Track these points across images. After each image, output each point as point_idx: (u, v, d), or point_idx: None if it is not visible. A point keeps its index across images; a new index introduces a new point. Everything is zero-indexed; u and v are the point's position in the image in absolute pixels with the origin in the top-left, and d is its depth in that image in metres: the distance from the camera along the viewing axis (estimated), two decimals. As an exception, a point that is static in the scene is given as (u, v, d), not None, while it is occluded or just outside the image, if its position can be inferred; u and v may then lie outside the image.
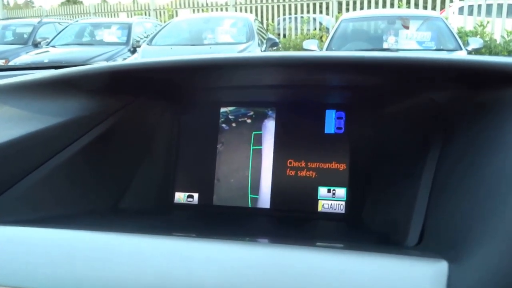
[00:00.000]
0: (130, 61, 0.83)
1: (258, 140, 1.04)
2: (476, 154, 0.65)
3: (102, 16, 14.26)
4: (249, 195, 1.03)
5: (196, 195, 1.05)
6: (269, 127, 1.04)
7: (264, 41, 7.54)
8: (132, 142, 0.99)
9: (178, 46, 6.83)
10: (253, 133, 1.04)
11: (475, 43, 6.02)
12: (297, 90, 1.00)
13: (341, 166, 1.00)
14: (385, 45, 6.00)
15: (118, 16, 14.06)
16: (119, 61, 1.02)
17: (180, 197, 1.06)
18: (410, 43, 5.88)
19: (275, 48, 7.59)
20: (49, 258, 0.61)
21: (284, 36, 11.37)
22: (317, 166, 1.01)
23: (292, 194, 1.01)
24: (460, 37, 6.54)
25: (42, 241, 0.64)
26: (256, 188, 1.03)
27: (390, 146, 0.93)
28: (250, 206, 1.02)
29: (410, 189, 0.78)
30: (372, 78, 0.84)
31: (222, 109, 1.07)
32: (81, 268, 0.60)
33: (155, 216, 0.99)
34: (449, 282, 0.53)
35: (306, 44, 6.50)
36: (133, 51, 7.71)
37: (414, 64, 0.72)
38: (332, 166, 1.00)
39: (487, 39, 8.26)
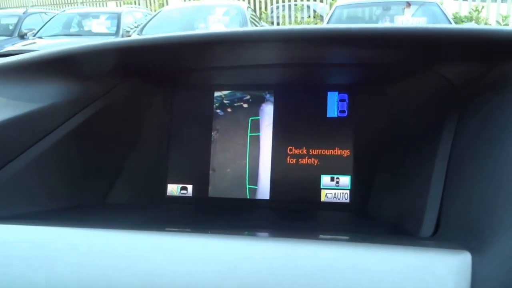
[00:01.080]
0: (116, 39, 0.77)
1: (256, 126, 0.99)
2: (495, 133, 0.60)
3: (90, 5, 14.15)
4: (247, 186, 0.98)
5: (190, 187, 1.00)
6: (267, 111, 0.99)
7: (257, 29, 7.48)
8: (120, 129, 0.93)
9: (169, 35, 6.74)
10: (250, 118, 0.99)
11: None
12: (297, 71, 0.94)
13: (345, 152, 0.95)
14: (380, 32, 5.93)
15: (106, 6, 13.95)
16: (104, 40, 0.96)
17: (173, 189, 1.01)
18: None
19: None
20: (33, 258, 0.56)
21: (278, 24, 11.30)
22: (319, 153, 0.96)
23: (293, 184, 0.96)
24: (456, 23, 6.51)
25: (25, 240, 0.59)
26: (254, 178, 0.98)
27: (398, 129, 0.88)
28: (248, 197, 0.97)
29: (422, 174, 0.73)
30: (379, 53, 0.79)
31: (217, 93, 1.01)
32: (68, 268, 0.55)
33: (147, 210, 0.94)
34: (473, 275, 0.48)
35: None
36: (124, 41, 7.62)
37: (427, 34, 0.66)
38: (336, 152, 0.95)
39: (482, 24, 8.25)
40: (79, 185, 0.85)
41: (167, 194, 1.01)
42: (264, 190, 0.97)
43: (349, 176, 0.94)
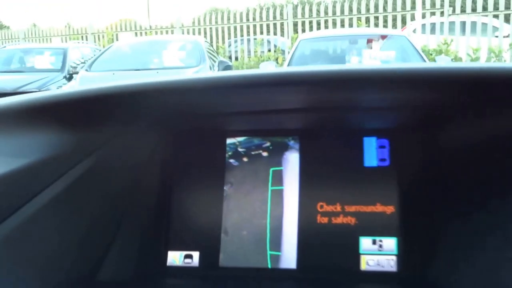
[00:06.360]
0: (110, 84, 0.68)
1: (278, 179, 0.89)
2: None
3: (33, 42, 13.91)
4: (268, 252, 0.87)
5: (196, 255, 0.88)
6: (292, 161, 0.89)
7: (216, 64, 7.44)
8: (114, 187, 0.82)
9: (120, 71, 6.63)
10: (271, 169, 0.89)
11: (442, 61, 6.09)
12: (326, 113, 0.84)
13: (388, 209, 0.86)
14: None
15: (50, 41, 13.74)
16: (96, 84, 0.85)
17: (175, 257, 0.89)
18: (374, 63, 5.88)
19: (229, 72, 7.53)
20: None
21: (236, 58, 11.34)
22: (357, 210, 0.86)
23: (325, 249, 0.85)
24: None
25: None
26: (277, 242, 0.87)
27: (457, 180, 0.79)
28: (270, 266, 0.86)
29: (498, 238, 0.63)
30: (430, 95, 0.69)
31: (229, 140, 0.92)
32: None
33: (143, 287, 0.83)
34: None
35: (263, 66, 6.52)
36: (70, 77, 7.52)
37: (477, 75, 0.58)
38: (377, 209, 0.86)
39: (452, 57, 8.45)
40: (62, 260, 0.73)
41: (168, 263, 0.89)
42: (289, 257, 0.86)
43: (395, 238, 0.84)
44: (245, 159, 0.90)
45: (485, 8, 9.47)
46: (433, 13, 10.06)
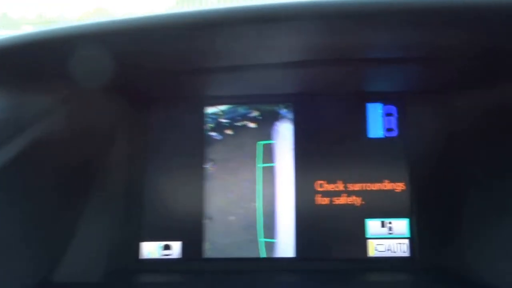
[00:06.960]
0: (56, 25, 0.51)
1: (269, 154, 0.78)
2: None
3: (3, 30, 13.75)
4: (261, 239, 0.76)
5: (176, 245, 0.77)
6: (284, 133, 0.78)
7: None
8: (68, 165, 0.67)
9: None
10: (260, 143, 0.78)
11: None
12: (323, 73, 0.70)
13: (397, 186, 0.76)
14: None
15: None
16: (43, 26, 0.71)
17: (150, 249, 0.77)
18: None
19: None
20: None
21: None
22: (362, 188, 0.75)
23: (327, 234, 0.75)
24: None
25: None
26: (271, 228, 0.76)
27: (477, 152, 0.68)
28: (263, 255, 0.76)
29: None
30: (451, 42, 0.55)
31: (209, 109, 0.80)
32: None
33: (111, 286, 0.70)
34: None
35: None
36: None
37: None
38: (385, 187, 0.76)
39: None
40: (10, 260, 0.59)
41: (142, 256, 0.76)
42: (286, 244, 0.76)
43: (407, 220, 0.74)
44: (229, 132, 0.79)
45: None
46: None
